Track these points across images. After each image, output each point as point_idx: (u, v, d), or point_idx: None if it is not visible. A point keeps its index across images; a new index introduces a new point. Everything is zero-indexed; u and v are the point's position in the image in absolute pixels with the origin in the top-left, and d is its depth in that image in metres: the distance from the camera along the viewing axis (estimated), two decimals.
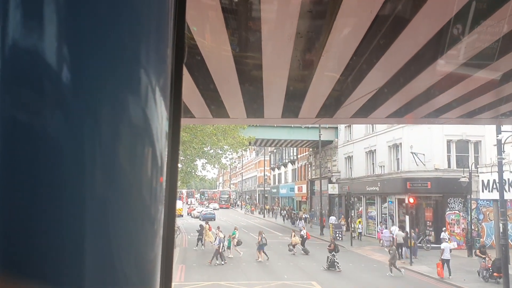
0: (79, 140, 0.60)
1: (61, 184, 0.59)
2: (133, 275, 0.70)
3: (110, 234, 0.64)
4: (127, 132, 0.66)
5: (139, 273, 0.71)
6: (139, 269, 0.71)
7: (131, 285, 0.70)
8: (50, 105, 0.58)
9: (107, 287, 0.64)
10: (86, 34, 0.61)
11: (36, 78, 0.58)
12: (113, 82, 0.64)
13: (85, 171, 0.61)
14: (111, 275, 0.65)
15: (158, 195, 0.74)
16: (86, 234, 0.61)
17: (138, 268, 0.71)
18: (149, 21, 0.71)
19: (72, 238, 0.59)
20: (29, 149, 0.57)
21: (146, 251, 0.72)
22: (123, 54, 0.66)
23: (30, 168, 0.57)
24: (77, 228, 0.60)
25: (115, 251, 0.66)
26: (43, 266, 0.58)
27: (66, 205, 0.59)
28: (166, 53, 0.77)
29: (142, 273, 0.72)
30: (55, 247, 0.58)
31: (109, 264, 0.65)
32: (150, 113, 0.70)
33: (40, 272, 0.58)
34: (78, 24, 0.60)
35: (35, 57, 0.57)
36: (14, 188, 0.56)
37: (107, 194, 0.63)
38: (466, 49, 4.89)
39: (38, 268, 0.57)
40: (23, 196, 0.56)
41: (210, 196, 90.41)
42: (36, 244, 0.57)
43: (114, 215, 0.65)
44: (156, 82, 0.72)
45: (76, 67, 0.60)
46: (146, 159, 0.70)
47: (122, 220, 0.66)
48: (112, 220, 0.64)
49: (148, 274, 0.73)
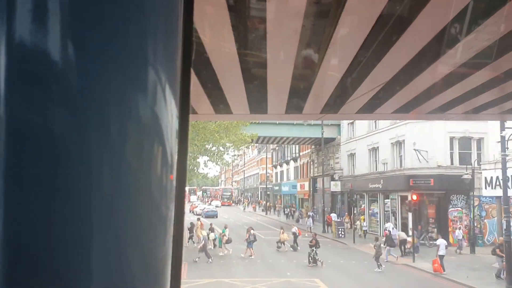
0: (87, 139, 0.60)
1: (69, 183, 0.58)
2: (144, 274, 0.70)
3: (120, 232, 0.64)
4: (136, 130, 0.66)
5: (150, 271, 0.71)
6: (150, 267, 0.71)
7: (142, 283, 0.69)
8: (58, 104, 0.58)
9: (117, 285, 0.64)
10: (94, 32, 0.60)
11: (44, 77, 0.57)
12: (122, 81, 0.63)
13: (94, 170, 0.60)
14: (122, 273, 0.65)
15: (169, 193, 0.74)
16: (96, 232, 0.61)
17: (149, 266, 0.71)
18: (157, 19, 0.71)
19: (82, 237, 0.59)
20: (37, 148, 0.56)
21: (157, 250, 0.72)
22: (132, 53, 0.65)
23: (38, 167, 0.56)
24: (87, 226, 0.60)
25: (126, 250, 0.65)
26: (51, 264, 0.57)
27: (75, 204, 0.59)
28: (174, 51, 0.76)
29: (153, 271, 0.71)
30: (64, 245, 0.58)
31: (119, 263, 0.64)
32: (160, 111, 0.70)
33: (49, 270, 0.57)
34: (86, 22, 0.60)
35: (43, 56, 0.57)
36: (22, 186, 0.56)
37: (116, 193, 0.63)
38: (470, 46, 4.87)
39: (46, 265, 0.57)
40: (31, 195, 0.56)
41: (212, 194, 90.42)
42: (45, 242, 0.57)
43: (124, 213, 0.64)
44: (165, 80, 0.71)
45: (84, 66, 0.60)
46: (156, 157, 0.70)
47: (132, 218, 0.66)
48: (122, 218, 0.64)
49: (159, 271, 0.73)
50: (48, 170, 0.57)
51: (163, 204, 0.72)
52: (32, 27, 0.57)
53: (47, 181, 0.57)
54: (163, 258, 0.73)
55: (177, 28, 0.76)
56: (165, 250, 0.74)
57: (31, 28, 0.57)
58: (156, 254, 0.72)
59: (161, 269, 0.73)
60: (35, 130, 0.56)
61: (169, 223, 0.75)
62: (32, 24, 0.57)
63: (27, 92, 0.57)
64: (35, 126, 0.56)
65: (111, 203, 0.62)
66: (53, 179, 0.57)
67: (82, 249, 0.59)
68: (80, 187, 0.59)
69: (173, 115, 0.74)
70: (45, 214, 0.56)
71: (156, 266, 0.72)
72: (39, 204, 0.56)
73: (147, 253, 0.69)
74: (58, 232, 0.57)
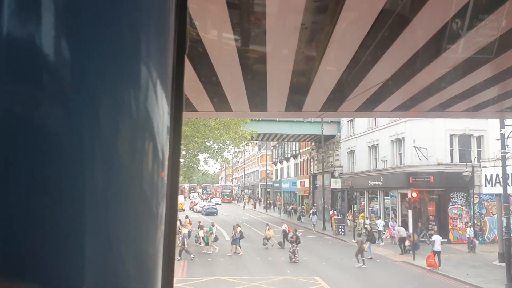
0: (78, 135, 0.59)
1: (60, 179, 0.58)
2: (134, 271, 0.69)
3: (110, 229, 0.63)
4: (127, 126, 0.65)
5: (140, 269, 0.70)
6: (140, 264, 0.70)
7: (132, 280, 0.69)
8: (49, 100, 0.57)
9: (108, 283, 0.64)
10: (86, 28, 0.60)
11: (34, 72, 0.56)
12: (112, 76, 0.63)
13: (85, 166, 0.60)
14: (112, 270, 0.64)
15: (160, 190, 0.73)
16: (86, 229, 0.60)
17: (139, 264, 0.70)
18: (149, 11, 0.70)
19: (72, 233, 0.59)
20: (29, 144, 0.56)
21: (147, 247, 0.71)
22: (124, 49, 0.64)
23: (29, 164, 0.56)
24: (77, 223, 0.59)
25: (116, 247, 0.65)
26: (42, 261, 0.57)
27: (66, 200, 0.58)
28: (167, 48, 0.75)
29: (143, 269, 0.71)
30: (54, 242, 0.57)
31: (109, 260, 0.64)
32: (151, 107, 0.69)
33: (40, 267, 0.57)
34: (78, 18, 0.59)
35: (33, 50, 0.56)
36: (13, 183, 0.55)
37: (107, 189, 0.62)
38: (470, 44, 4.86)
39: (37, 262, 0.56)
40: (22, 192, 0.55)
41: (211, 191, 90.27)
42: (35, 239, 0.56)
43: (115, 210, 0.64)
44: (156, 76, 0.70)
45: (76, 62, 0.59)
46: (147, 154, 0.69)
47: (123, 215, 0.65)
48: (112, 215, 0.63)
49: (150, 269, 0.72)
50: (39, 167, 0.56)
51: (154, 201, 0.72)
52: (23, 22, 0.56)
53: (38, 177, 0.56)
54: (154, 255, 0.73)
55: (170, 24, 0.75)
56: (156, 247, 0.73)
57: (22, 23, 0.56)
58: (147, 251, 0.71)
59: (152, 266, 0.72)
60: (26, 126, 0.56)
61: (160, 220, 0.74)
62: (24, 19, 0.56)
63: (18, 88, 0.56)
64: (26, 122, 0.56)
65: (102, 199, 0.61)
66: (44, 175, 0.57)
67: (72, 245, 0.58)
68: (72, 183, 0.58)
69: (164, 112, 0.74)
70: (36, 210, 0.56)
71: (147, 263, 0.71)
72: (30, 201, 0.56)
73: (137, 250, 0.69)
74: (49, 228, 0.57)
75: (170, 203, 0.80)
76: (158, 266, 0.75)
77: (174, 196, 0.84)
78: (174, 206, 0.84)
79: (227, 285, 16.83)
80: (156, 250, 0.74)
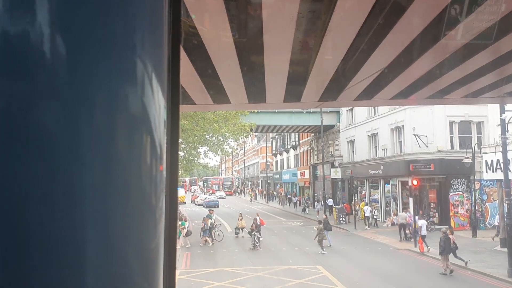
0: (74, 131, 0.59)
1: (58, 175, 0.57)
2: (136, 264, 0.70)
3: (109, 224, 0.63)
4: (122, 121, 0.65)
5: (141, 262, 0.71)
6: (141, 257, 0.71)
7: (134, 273, 0.69)
8: (44, 96, 0.57)
9: (109, 276, 0.64)
10: (80, 23, 0.59)
11: (28, 68, 0.56)
12: (107, 70, 0.62)
13: (81, 162, 0.60)
14: (112, 263, 0.65)
15: (158, 183, 0.74)
16: (85, 225, 0.60)
17: (140, 257, 0.70)
18: (144, 9, 0.69)
19: (71, 229, 0.58)
20: (25, 141, 0.55)
21: (148, 240, 0.72)
22: (118, 44, 0.64)
23: (25, 160, 0.55)
24: (76, 219, 0.59)
25: (115, 241, 0.65)
26: (41, 256, 0.57)
27: (64, 196, 0.58)
28: (162, 42, 0.75)
29: (145, 262, 0.71)
30: (53, 237, 0.57)
31: (110, 254, 0.64)
32: (147, 101, 0.69)
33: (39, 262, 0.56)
34: (68, 11, 0.59)
35: (26, 46, 0.56)
36: (10, 180, 0.55)
37: (104, 184, 0.62)
38: (469, 29, 4.82)
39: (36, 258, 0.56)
40: (19, 188, 0.55)
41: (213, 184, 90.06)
42: (33, 235, 0.56)
43: (113, 205, 0.64)
44: (152, 70, 0.70)
45: (67, 56, 0.59)
46: (144, 148, 0.69)
47: (121, 209, 0.65)
48: (111, 210, 0.63)
49: (151, 262, 0.73)
50: (36, 163, 0.56)
51: (153, 194, 0.72)
52: (15, 18, 0.56)
53: (34, 173, 0.56)
54: (155, 248, 0.73)
55: (163, 15, 0.75)
56: (157, 240, 0.74)
57: (14, 18, 0.56)
58: (148, 244, 0.71)
59: (153, 259, 0.73)
60: (22, 123, 0.56)
61: (160, 214, 0.75)
62: (18, 16, 0.56)
63: (11, 84, 0.56)
64: (23, 118, 0.56)
65: (100, 194, 0.61)
66: (41, 172, 0.56)
67: (71, 240, 0.58)
68: (69, 179, 0.58)
69: (161, 106, 0.73)
70: (34, 206, 0.56)
71: (148, 256, 0.72)
72: (27, 197, 0.55)
73: (137, 244, 0.69)
74: (48, 224, 0.56)
75: (170, 196, 0.81)
76: (159, 258, 0.75)
77: (174, 189, 0.86)
78: (174, 199, 0.85)
79: (230, 275, 16.89)
80: (157, 243, 0.74)
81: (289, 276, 16.82)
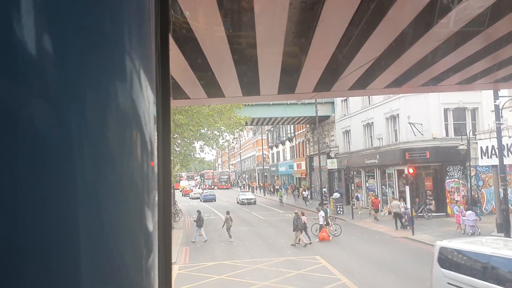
0: (62, 129, 0.58)
1: (48, 173, 0.56)
2: (129, 259, 0.69)
3: (101, 221, 0.63)
4: (113, 118, 0.64)
5: (135, 257, 0.70)
6: (134, 253, 0.70)
7: (128, 270, 0.69)
8: (32, 93, 0.56)
9: (103, 273, 0.63)
10: (67, 20, 0.58)
11: (16, 66, 0.55)
12: (93, 66, 0.61)
13: (71, 160, 0.59)
14: (106, 260, 0.64)
15: (150, 179, 0.73)
16: (77, 222, 0.59)
17: (134, 254, 0.70)
18: (131, 4, 0.68)
19: (63, 226, 0.58)
20: (13, 140, 0.54)
21: (141, 235, 0.71)
22: (106, 40, 0.63)
23: (15, 160, 0.54)
24: (66, 218, 0.58)
25: (108, 237, 0.64)
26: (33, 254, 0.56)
27: (56, 195, 0.57)
28: (150, 38, 0.74)
29: (139, 257, 0.71)
30: (45, 236, 0.56)
31: (103, 250, 0.63)
32: (136, 97, 0.68)
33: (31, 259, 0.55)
34: (59, 11, 0.58)
35: (13, 44, 0.54)
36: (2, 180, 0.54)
37: (95, 182, 0.61)
38: (461, 15, 4.82)
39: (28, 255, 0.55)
40: (9, 187, 0.54)
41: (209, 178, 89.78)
42: (25, 233, 0.55)
43: (104, 202, 0.63)
44: (139, 66, 0.69)
45: (59, 55, 0.58)
46: (134, 144, 0.68)
47: (113, 207, 0.65)
48: (102, 207, 0.63)
49: (145, 257, 0.72)
50: (25, 163, 0.55)
51: (145, 190, 0.71)
52: (5, 18, 0.54)
53: (24, 173, 0.55)
54: (149, 243, 0.72)
55: (151, 14, 0.74)
56: (151, 235, 0.73)
57: (4, 19, 0.54)
58: (141, 240, 0.71)
59: (148, 255, 0.72)
60: (8, 122, 0.54)
61: (153, 209, 0.74)
62: (5, 15, 0.54)
63: (1, 83, 0.54)
64: (9, 118, 0.54)
65: (91, 192, 0.61)
66: (30, 172, 0.55)
67: (64, 237, 0.58)
68: (58, 177, 0.57)
69: (150, 101, 0.73)
70: (26, 206, 0.55)
71: (142, 251, 0.71)
72: (18, 196, 0.54)
73: (130, 239, 0.69)
74: (39, 222, 0.56)
75: (164, 191, 0.80)
76: (154, 255, 0.74)
77: (167, 184, 0.85)
78: (167, 194, 0.83)
79: (230, 268, 16.94)
80: (151, 239, 0.73)
81: (288, 267, 16.90)
